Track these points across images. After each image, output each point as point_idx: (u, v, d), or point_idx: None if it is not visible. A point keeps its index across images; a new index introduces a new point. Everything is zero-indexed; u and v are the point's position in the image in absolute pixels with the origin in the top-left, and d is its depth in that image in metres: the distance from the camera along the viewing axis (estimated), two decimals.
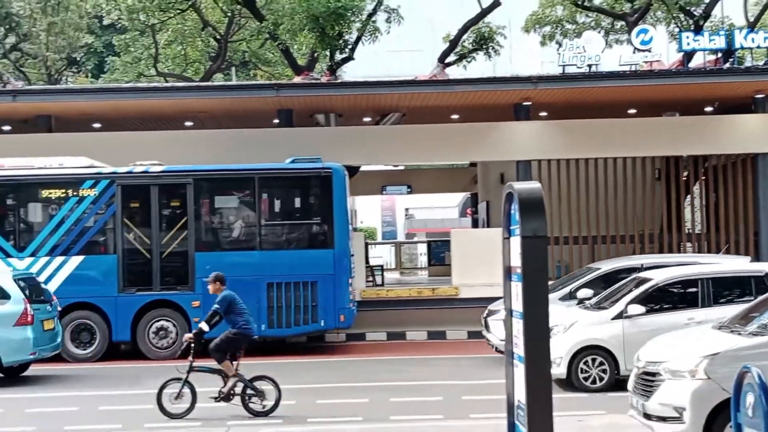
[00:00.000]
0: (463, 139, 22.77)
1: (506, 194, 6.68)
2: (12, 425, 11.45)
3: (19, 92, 22.05)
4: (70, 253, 17.89)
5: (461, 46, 26.74)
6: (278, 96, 21.62)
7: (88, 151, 19.73)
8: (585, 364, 12.89)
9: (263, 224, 18.57)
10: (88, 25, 36.71)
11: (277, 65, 34.42)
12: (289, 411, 11.85)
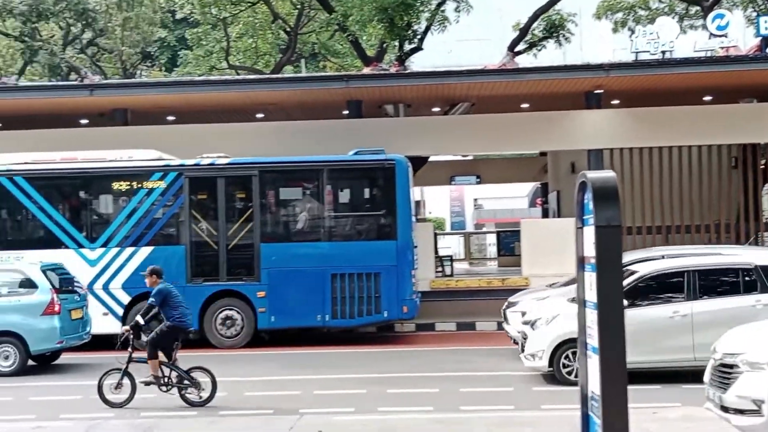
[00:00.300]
0: (533, 128, 22.57)
1: (579, 183, 6.57)
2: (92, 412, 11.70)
3: (96, 86, 22.51)
4: (139, 244, 18.22)
5: (531, 34, 26.46)
6: (347, 87, 21.68)
7: (162, 144, 20.10)
8: (567, 357, 12.51)
9: (327, 216, 18.63)
10: (162, 20, 37.30)
11: (346, 56, 34.52)
12: (361, 400, 11.93)
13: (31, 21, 27.03)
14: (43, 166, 18.66)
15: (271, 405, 11.68)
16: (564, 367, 12.53)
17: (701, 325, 12.05)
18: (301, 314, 17.85)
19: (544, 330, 12.79)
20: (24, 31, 28.19)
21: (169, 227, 18.64)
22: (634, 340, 11.52)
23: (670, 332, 12.19)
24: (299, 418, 10.68)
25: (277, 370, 14.89)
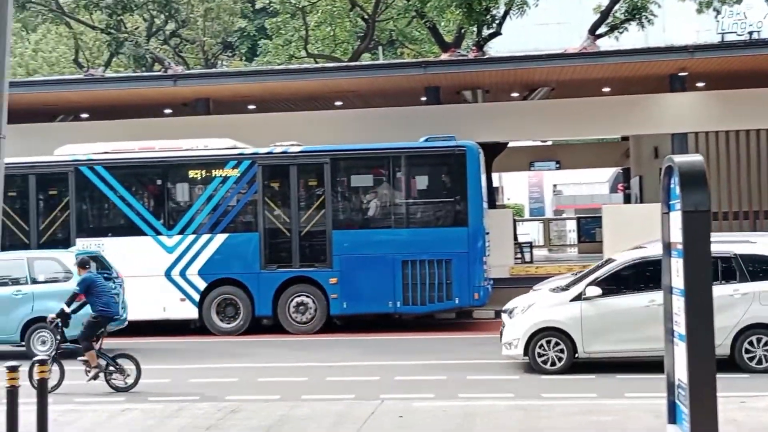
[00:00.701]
0: (615, 112, 22.17)
1: (665, 168, 6.43)
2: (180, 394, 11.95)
3: (179, 77, 22.84)
4: (215, 231, 18.45)
5: (613, 16, 25.90)
6: (426, 74, 21.59)
7: (242, 132, 20.35)
8: (541, 346, 12.56)
9: (398, 202, 18.62)
10: (242, 10, 37.66)
11: (424, 43, 34.36)
12: (441, 386, 11.92)
13: (117, 14, 27.57)
14: (121, 156, 19.02)
15: (352, 390, 11.74)
16: (539, 356, 12.59)
17: None
18: (372, 300, 17.91)
19: (519, 319, 12.86)
20: (110, 23, 28.75)
21: (243, 214, 18.82)
22: (610, 328, 12.39)
23: (647, 321, 11.89)
24: (380, 403, 10.73)
25: (355, 356, 14.96)
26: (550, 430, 9.12)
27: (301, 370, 13.63)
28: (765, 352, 12.04)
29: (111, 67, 31.48)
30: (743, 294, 12.14)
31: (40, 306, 15.66)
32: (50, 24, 33.65)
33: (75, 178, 18.85)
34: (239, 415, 10.32)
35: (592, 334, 12.37)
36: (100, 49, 35.33)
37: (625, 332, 12.24)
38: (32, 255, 16.94)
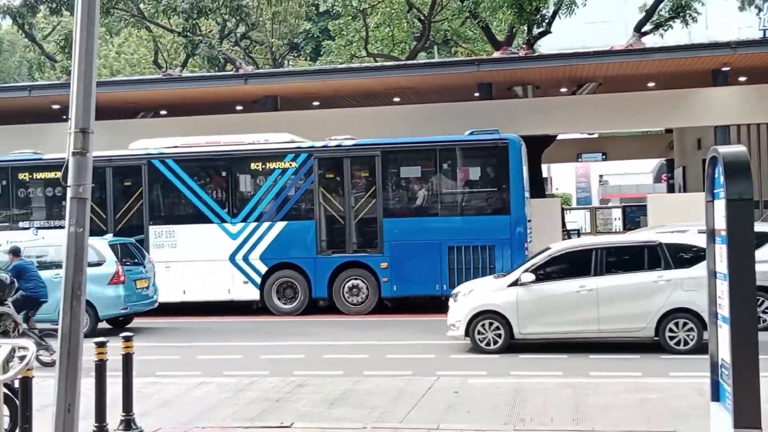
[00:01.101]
0: (660, 105, 21.83)
1: (710, 158, 6.31)
2: (249, 369, 12.09)
3: (250, 76, 23.06)
4: (275, 219, 18.64)
5: (657, 15, 25.45)
6: (479, 71, 21.52)
7: (307, 127, 20.51)
8: (481, 328, 12.72)
9: (444, 192, 18.65)
10: (307, 13, 37.84)
11: (477, 42, 34.16)
12: (494, 364, 11.87)
13: (192, 18, 27.85)
14: (190, 150, 19.31)
15: (410, 367, 11.78)
16: (478, 336, 12.75)
17: (605, 299, 12.26)
18: (420, 283, 17.95)
19: (462, 302, 13.06)
20: (186, 27, 29.07)
21: (300, 203, 18.93)
22: (544, 312, 12.64)
23: (577, 305, 12.32)
24: (436, 379, 10.74)
25: (409, 335, 14.97)
26: (601, 406, 9.03)
27: (362, 348, 13.69)
28: (686, 335, 12.13)
29: (187, 68, 31.89)
30: (667, 280, 12.28)
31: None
32: (132, 28, 34.25)
33: (148, 170, 19.18)
34: (306, 389, 10.41)
35: (527, 317, 12.61)
36: (177, 51, 35.78)
37: (557, 315, 12.52)
38: None
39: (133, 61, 39.41)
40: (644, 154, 38.31)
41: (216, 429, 8.11)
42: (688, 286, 12.13)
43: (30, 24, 30.57)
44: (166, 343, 13.98)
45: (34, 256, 16.53)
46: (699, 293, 11.30)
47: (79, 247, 7.29)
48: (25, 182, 20.02)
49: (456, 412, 8.91)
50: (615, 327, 12.44)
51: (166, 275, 18.40)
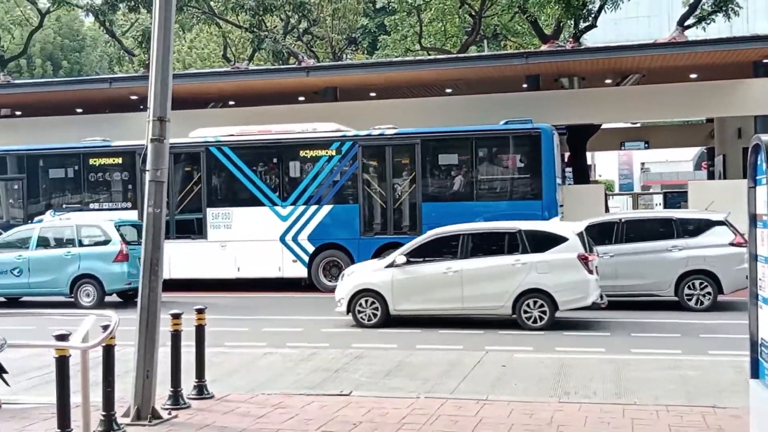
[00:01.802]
0: (701, 96, 21.37)
1: (753, 146, 6.13)
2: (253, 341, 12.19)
3: (312, 68, 23.15)
4: (322, 203, 18.81)
5: (700, 9, 24.85)
6: (527, 63, 21.28)
7: (364, 117, 20.51)
8: (360, 304, 13.25)
9: (480, 178, 18.52)
10: (364, 9, 37.81)
11: (525, 36, 33.76)
12: (538, 341, 11.79)
13: (258, 14, 28.04)
14: (244, 138, 19.50)
15: (460, 342, 11.74)
16: (358, 312, 13.29)
17: (468, 280, 12.78)
18: None
19: (345, 282, 13.60)
20: (253, 23, 29.28)
21: (345, 188, 18.99)
22: (415, 291, 13.18)
23: (444, 285, 12.88)
24: (485, 354, 10.71)
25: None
26: (642, 381, 8.92)
27: (417, 323, 13.67)
28: (540, 313, 12.57)
29: (253, 61, 32.12)
30: (523, 264, 12.68)
31: (86, 264, 16.68)
32: (203, 24, 34.54)
33: (206, 156, 19.46)
34: (363, 360, 10.47)
35: (401, 295, 13.10)
36: (244, 46, 36.07)
37: (427, 294, 13.04)
38: (80, 222, 17.66)
39: (203, 55, 39.86)
40: (685, 143, 37.48)
41: (280, 396, 8.20)
42: (541, 269, 12.63)
43: (110, 21, 31.10)
44: (233, 317, 14.17)
45: (53, 237, 17.31)
46: (550, 275, 12.56)
47: (157, 227, 7.42)
48: (95, 167, 20.48)
49: (504, 385, 8.88)
50: (477, 305, 12.98)
51: (222, 254, 18.83)
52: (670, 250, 14.31)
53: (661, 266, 14.25)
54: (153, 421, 7.05)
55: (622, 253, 14.47)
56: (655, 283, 14.38)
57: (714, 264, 14.11)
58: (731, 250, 14.14)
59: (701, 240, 14.33)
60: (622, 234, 14.66)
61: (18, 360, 10.60)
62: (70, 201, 20.62)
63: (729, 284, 14.12)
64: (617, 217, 15.21)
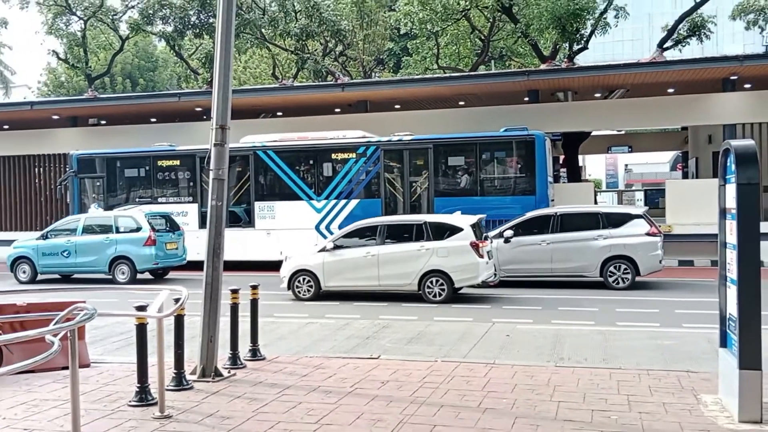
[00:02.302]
0: (677, 107, 21.10)
1: (723, 150, 6.05)
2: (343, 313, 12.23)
3: (346, 85, 23.14)
4: (350, 198, 18.89)
5: (677, 33, 24.49)
6: (528, 80, 21.08)
7: (391, 126, 20.48)
8: (298, 282, 13.82)
9: (483, 177, 18.45)
10: (390, 35, 37.64)
11: (526, 56, 33.41)
12: (538, 315, 11.74)
13: (302, 39, 28.01)
14: (285, 143, 19.64)
15: (471, 315, 11.72)
16: (296, 288, 13.93)
17: (384, 262, 13.35)
18: None
19: (287, 263, 14.15)
20: (297, 47, 29.30)
21: (370, 186, 18.98)
22: (341, 270, 13.71)
23: (364, 266, 13.44)
24: (492, 325, 10.68)
25: (467, 291, 14.82)
26: (626, 348, 8.85)
27: (339, 297, 13.72)
28: (440, 289, 13.06)
29: (297, 79, 32.12)
30: (427, 249, 13.19)
31: (121, 248, 17.18)
32: (255, 48, 34.64)
33: (254, 159, 19.58)
34: (389, 330, 10.49)
35: (330, 274, 13.67)
36: (290, 66, 36.08)
37: (351, 273, 13.55)
38: (116, 213, 18.23)
39: (256, 74, 39.93)
40: (663, 148, 37.01)
41: (321, 358, 8.24)
42: (441, 253, 13.10)
43: (179, 45, 31.26)
44: (279, 292, 14.19)
45: (95, 225, 17.80)
46: (448, 258, 13.06)
47: (219, 217, 7.47)
48: (163, 167, 20.68)
49: (508, 351, 8.85)
50: (390, 282, 13.44)
51: (267, 240, 19.07)
52: (596, 239, 14.52)
53: (588, 252, 14.53)
54: (215, 378, 7.12)
55: (557, 241, 14.71)
56: (584, 266, 14.63)
57: (632, 250, 14.37)
58: (647, 239, 14.39)
59: (622, 230, 14.54)
60: (558, 225, 14.86)
61: (104, 327, 10.76)
62: (142, 196, 20.83)
63: (645, 268, 14.43)
64: (553, 211, 15.39)
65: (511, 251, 14.81)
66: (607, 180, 64.79)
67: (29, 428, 5.60)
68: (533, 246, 14.74)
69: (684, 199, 19.94)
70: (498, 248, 14.67)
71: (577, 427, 5.43)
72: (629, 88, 22.64)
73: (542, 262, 14.65)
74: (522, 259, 14.80)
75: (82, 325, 4.65)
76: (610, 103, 22.97)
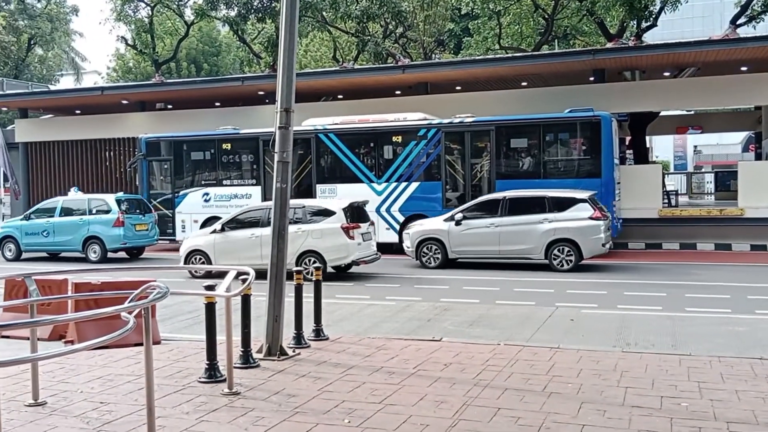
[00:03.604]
0: (751, 86, 20.23)
1: None
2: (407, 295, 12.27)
3: (407, 66, 23.04)
4: (410, 180, 18.80)
5: (751, 9, 23.43)
6: (594, 59, 20.54)
7: (449, 108, 20.32)
8: (192, 260, 15.14)
9: (547, 159, 18.09)
10: (451, 15, 37.25)
11: (592, 35, 32.58)
12: (603, 299, 11.53)
13: (363, 22, 27.99)
14: (347, 126, 19.64)
15: (533, 299, 11.61)
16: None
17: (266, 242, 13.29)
18: None
19: (183, 245, 15.69)
20: (357, 29, 29.31)
21: (430, 168, 18.84)
22: (230, 250, 14.82)
23: (250, 247, 14.53)
24: (555, 309, 10.55)
25: (530, 273, 14.71)
26: (697, 335, 8.62)
27: (492, 282, 13.58)
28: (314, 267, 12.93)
29: (358, 61, 32.17)
30: (303, 231, 14.28)
31: (93, 229, 18.40)
32: (316, 31, 34.80)
33: (315, 142, 19.67)
34: (450, 312, 10.48)
35: (220, 254, 14.87)
36: (350, 48, 36.16)
37: (238, 253, 14.57)
38: (90, 196, 19.55)
39: (316, 57, 40.18)
40: (735, 128, 35.58)
41: (383, 339, 8.29)
42: (315, 235, 14.29)
43: (242, 30, 31.67)
44: (340, 273, 14.37)
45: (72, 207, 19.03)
46: (322, 240, 14.25)
47: (284, 199, 7.58)
48: (227, 150, 21.05)
49: (572, 336, 8.73)
50: None
51: None
52: (542, 222, 14.84)
53: (534, 235, 14.89)
54: (281, 357, 7.26)
55: (505, 224, 15.13)
56: (530, 248, 14.99)
57: (576, 234, 14.64)
58: (590, 222, 14.63)
59: (567, 214, 14.76)
60: (506, 209, 15.21)
61: (172, 306, 11.09)
62: (207, 178, 21.30)
63: (587, 250, 14.73)
64: (502, 195, 15.65)
65: (462, 234, 15.37)
66: (676, 162, 62.81)
67: (105, 401, 5.83)
68: (482, 229, 15.26)
69: (757, 182, 19.19)
70: (449, 231, 15.45)
71: (646, 413, 5.33)
72: (700, 66, 21.84)
73: (491, 245, 15.20)
74: (472, 241, 15.34)
75: (155, 303, 4.80)
76: (679, 82, 22.22)
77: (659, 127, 28.86)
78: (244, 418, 5.34)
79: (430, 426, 5.11)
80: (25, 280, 6.53)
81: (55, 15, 44.55)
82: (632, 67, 22.10)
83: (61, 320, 7.24)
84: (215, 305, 6.31)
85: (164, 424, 5.19)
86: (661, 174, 23.24)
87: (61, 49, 50.08)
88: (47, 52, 46.92)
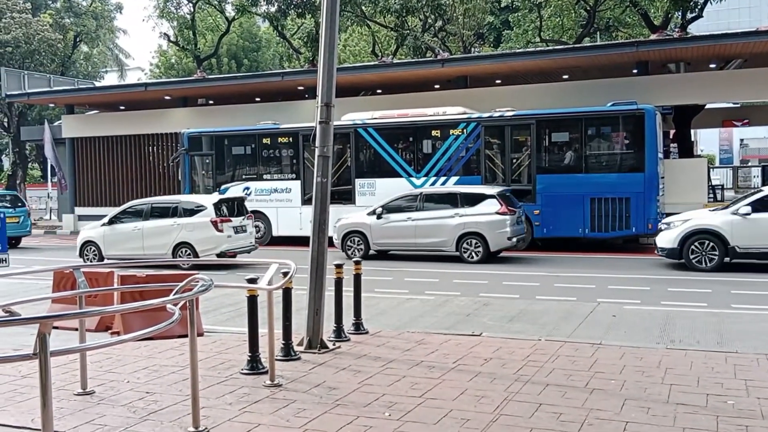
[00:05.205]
0: None
1: None
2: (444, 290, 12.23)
3: (446, 60, 22.91)
4: (449, 174, 18.71)
5: None
6: (637, 51, 20.17)
7: (489, 101, 20.18)
8: (86, 251, 16.70)
9: (588, 153, 17.80)
10: (491, 8, 36.95)
11: (634, 27, 31.99)
12: (646, 295, 11.35)
13: (402, 15, 27.96)
14: (386, 120, 19.63)
15: (574, 294, 11.48)
16: (84, 255, 16.84)
17: (147, 235, 16.19)
18: (566, 227, 17.56)
19: (81, 234, 17.43)
20: (396, 23, 29.29)
21: (470, 162, 18.72)
22: (118, 241, 16.40)
23: (132, 238, 16.29)
24: (597, 305, 10.43)
25: (570, 269, 14.53)
26: (743, 332, 8.42)
27: (532, 277, 13.47)
28: (187, 258, 15.47)
29: (397, 56, 32.15)
30: (178, 224, 15.92)
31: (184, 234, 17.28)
32: (355, 26, 34.86)
33: (354, 136, 19.72)
34: (489, 307, 10.44)
35: (109, 244, 16.54)
36: (389, 43, 36.13)
37: (123, 244, 16.36)
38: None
39: (355, 52, 40.23)
40: None
41: (422, 334, 8.30)
42: (188, 228, 15.84)
43: (282, 25, 31.93)
44: (380, 268, 14.41)
45: None
46: (194, 233, 15.77)
47: (324, 193, 7.62)
48: (267, 145, 21.25)
49: (615, 332, 8.62)
50: (151, 252, 15.91)
51: None
52: (453, 217, 15.73)
53: (446, 229, 15.81)
54: (321, 349, 7.32)
55: (420, 219, 16.06)
56: (442, 241, 15.90)
57: (482, 228, 15.52)
58: (497, 217, 15.46)
59: (476, 209, 15.65)
60: (421, 204, 16.24)
61: (214, 299, 11.27)
62: (247, 173, 21.55)
63: (494, 244, 15.59)
64: (418, 192, 16.83)
65: (382, 227, 16.33)
66: (721, 156, 61.38)
67: (151, 391, 5.96)
68: (400, 223, 16.20)
69: None
70: (371, 225, 16.39)
71: (691, 411, 5.24)
72: (746, 58, 21.27)
73: (408, 238, 16.18)
74: (391, 234, 16.32)
75: (199, 295, 4.89)
76: (725, 74, 21.68)
77: (704, 121, 28.20)
78: (286, 410, 5.41)
79: (471, 420, 5.10)
80: (74, 273, 6.71)
81: (100, 13, 45.45)
82: (676, 59, 21.62)
83: (109, 311, 7.41)
84: (257, 298, 6.39)
85: (208, 414, 5.29)
86: (707, 168, 22.73)
87: (106, 46, 51.11)
88: (92, 49, 47.90)
